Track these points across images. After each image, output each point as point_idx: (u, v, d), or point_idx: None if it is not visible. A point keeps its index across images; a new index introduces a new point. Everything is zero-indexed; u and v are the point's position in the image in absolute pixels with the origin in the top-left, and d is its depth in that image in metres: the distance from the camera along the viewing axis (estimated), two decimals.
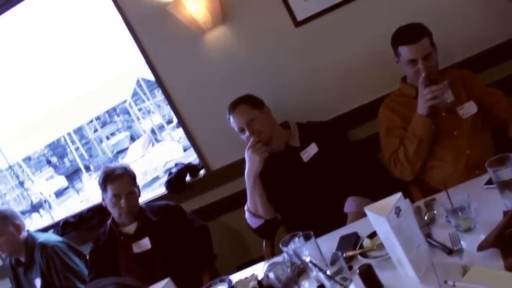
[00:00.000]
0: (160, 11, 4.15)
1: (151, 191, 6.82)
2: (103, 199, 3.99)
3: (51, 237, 4.59)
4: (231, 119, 3.75)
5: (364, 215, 2.33)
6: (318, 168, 3.66)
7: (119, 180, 3.88)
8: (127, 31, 4.33)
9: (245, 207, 3.81)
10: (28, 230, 4.45)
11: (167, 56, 4.35)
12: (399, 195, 2.23)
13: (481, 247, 2.17)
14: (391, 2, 3.98)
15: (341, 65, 4.14)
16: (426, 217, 2.65)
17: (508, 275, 1.99)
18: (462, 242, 2.31)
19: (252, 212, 3.76)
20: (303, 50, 4.16)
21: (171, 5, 4.05)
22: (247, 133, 3.67)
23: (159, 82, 4.44)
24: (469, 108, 3.39)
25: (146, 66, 4.48)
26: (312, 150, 3.71)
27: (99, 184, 3.97)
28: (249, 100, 3.78)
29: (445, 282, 2.06)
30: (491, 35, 3.94)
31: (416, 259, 2.23)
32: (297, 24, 4.10)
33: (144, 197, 4.73)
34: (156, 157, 15.40)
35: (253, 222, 3.79)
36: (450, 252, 2.31)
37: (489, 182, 2.61)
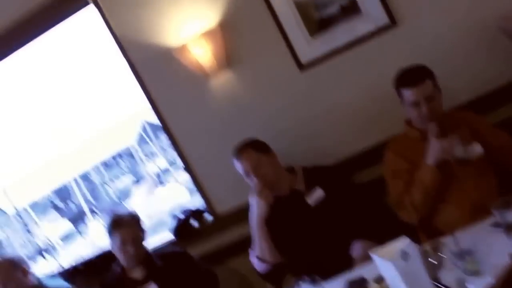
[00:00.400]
0: (165, 55, 4.20)
1: (156, 235, 6.81)
2: (110, 245, 3.97)
3: (59, 284, 4.58)
4: (237, 164, 3.75)
5: (371, 259, 2.32)
6: (324, 212, 3.64)
7: (125, 226, 3.89)
8: (132, 75, 4.37)
9: (251, 252, 3.80)
10: (36, 276, 4.44)
11: (172, 100, 4.39)
12: (405, 239, 2.24)
13: None
14: (394, 45, 4.01)
15: (346, 108, 4.16)
16: (433, 261, 2.63)
17: None
18: (469, 285, 2.30)
19: (259, 257, 3.75)
20: (308, 93, 4.19)
21: (177, 50, 4.11)
22: (253, 177, 3.68)
23: (164, 126, 4.46)
24: (474, 150, 3.38)
25: (151, 110, 4.50)
26: (317, 194, 3.69)
27: (106, 231, 3.97)
28: (255, 145, 3.79)
29: None
30: (495, 76, 3.95)
31: None
32: (302, 67, 4.14)
33: (150, 241, 4.72)
34: (161, 200, 15.37)
35: (260, 268, 3.78)
36: None
37: (496, 224, 2.61)
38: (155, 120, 4.55)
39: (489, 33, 3.84)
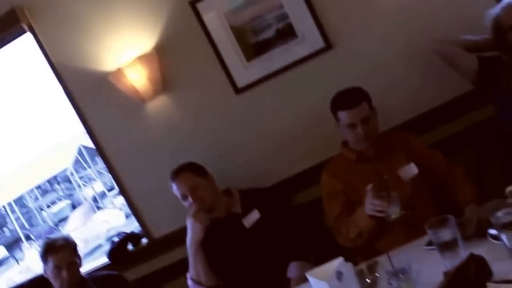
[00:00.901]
0: (100, 80, 4.16)
1: (93, 260, 6.71)
2: (44, 271, 3.88)
3: None
4: (174, 186, 3.72)
5: (307, 280, 2.32)
6: (260, 234, 3.64)
7: (60, 251, 3.78)
8: (68, 100, 4.31)
9: (188, 275, 3.76)
10: None
11: (107, 124, 4.34)
12: (340, 259, 2.24)
13: None
14: (330, 68, 4.05)
15: (282, 131, 4.18)
16: (368, 280, 2.65)
17: None
18: None
19: (195, 280, 3.71)
20: (244, 117, 4.20)
21: (112, 74, 4.07)
22: (190, 200, 3.64)
23: (99, 150, 4.40)
24: (410, 171, 3.42)
25: (86, 134, 4.44)
26: (253, 216, 3.69)
27: (40, 255, 3.87)
28: (192, 168, 3.76)
29: None
30: (429, 98, 4.03)
31: None
32: (238, 91, 4.15)
33: (87, 266, 4.64)
34: (98, 225, 15.21)
35: None
36: None
37: (430, 243, 2.64)
38: (91, 144, 4.49)
39: (423, 55, 3.92)
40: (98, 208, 18.12)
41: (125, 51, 4.11)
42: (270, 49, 4.07)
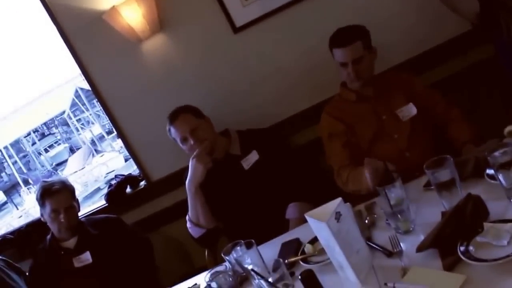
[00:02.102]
0: (95, 20, 4.08)
1: (92, 203, 6.73)
2: (41, 215, 3.88)
3: None
4: (172, 129, 3.70)
5: (306, 220, 2.32)
6: (259, 176, 3.65)
7: (57, 194, 3.78)
8: (62, 41, 4.23)
9: (187, 217, 3.77)
10: None
11: (103, 65, 4.28)
12: (339, 200, 2.24)
13: (420, 248, 2.18)
14: (330, 7, 4.00)
15: (281, 71, 4.15)
16: (366, 221, 2.66)
17: (446, 274, 2.01)
18: (401, 244, 2.32)
19: (194, 222, 3.73)
20: (242, 56, 4.16)
21: (107, 13, 3.98)
22: (190, 142, 3.63)
23: (96, 92, 4.35)
24: (408, 111, 3.42)
25: (82, 76, 4.39)
26: (252, 157, 3.70)
27: (37, 199, 3.86)
28: (190, 110, 3.74)
29: (385, 284, 2.08)
30: (429, 37, 4.01)
31: (357, 263, 2.23)
32: (236, 30, 4.09)
33: (85, 210, 4.65)
34: (97, 168, 15.22)
35: (194, 232, 3.76)
36: (390, 254, 2.32)
37: (428, 183, 2.64)
38: (88, 86, 4.45)
39: None
40: (97, 151, 18.12)
41: None
42: None
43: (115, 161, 14.41)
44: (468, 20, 3.67)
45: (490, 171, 2.45)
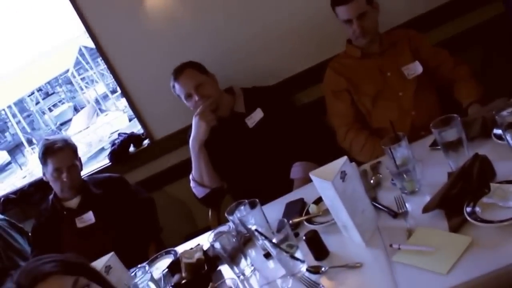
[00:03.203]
0: None
1: (97, 163, 6.73)
2: (43, 174, 3.86)
3: None
4: (177, 85, 3.66)
5: (311, 180, 2.30)
6: (264, 134, 3.62)
7: (59, 153, 3.75)
8: None
9: (190, 176, 3.76)
10: None
11: (107, 23, 4.23)
12: (344, 159, 2.21)
13: (426, 209, 2.17)
14: None
15: (285, 28, 4.08)
16: (372, 181, 2.64)
17: (452, 235, 1.99)
18: (407, 205, 2.30)
19: (198, 181, 3.72)
20: (248, 12, 4.10)
21: None
22: (195, 98, 3.59)
23: (100, 51, 4.31)
24: (414, 69, 3.38)
25: (86, 33, 4.33)
26: (257, 115, 3.67)
27: (39, 158, 3.85)
28: (195, 65, 3.70)
29: (390, 245, 2.07)
30: None
31: (362, 223, 2.22)
32: None
33: (88, 169, 4.64)
34: (101, 128, 15.21)
35: (198, 192, 3.75)
36: (395, 215, 2.30)
37: (434, 143, 2.61)
38: (92, 44, 4.40)
39: None
40: (101, 110, 18.09)
41: None
42: None
43: (119, 120, 14.37)
44: None
45: (497, 131, 2.41)
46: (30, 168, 15.65)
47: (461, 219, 2.01)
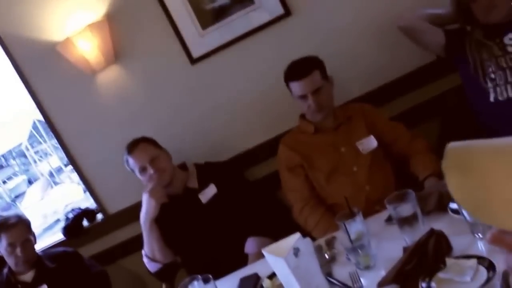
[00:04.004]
0: (48, 51, 3.99)
1: (52, 234, 6.61)
2: None
3: None
4: (130, 160, 3.63)
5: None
6: (217, 209, 3.60)
7: (13, 228, 3.74)
8: (15, 73, 4.14)
9: (143, 252, 3.71)
10: None
11: (58, 97, 4.18)
12: (297, 235, 2.19)
13: (381, 285, 2.13)
14: (289, 36, 3.95)
15: (239, 102, 4.09)
16: (327, 256, 2.61)
17: None
18: (362, 280, 2.28)
19: (150, 257, 3.67)
20: (200, 88, 4.09)
21: (60, 44, 3.90)
22: (150, 171, 3.56)
23: (50, 125, 4.26)
24: (369, 143, 3.39)
25: (36, 108, 4.29)
26: (210, 191, 3.64)
27: None
28: (148, 140, 3.69)
29: None
30: (392, 68, 3.97)
31: None
32: (193, 61, 4.02)
33: (44, 242, 4.56)
34: (56, 200, 15.06)
35: (151, 267, 3.70)
36: None
37: (389, 218, 2.61)
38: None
39: (383, 27, 3.87)
40: (55, 183, 17.93)
41: (74, 18, 3.92)
42: (227, 16, 3.93)
43: (74, 192, 14.27)
44: (433, 52, 3.66)
45: (453, 205, 2.42)
46: None
47: None
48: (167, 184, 3.60)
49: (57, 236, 4.86)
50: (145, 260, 3.71)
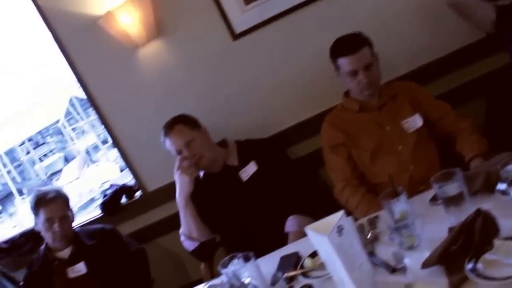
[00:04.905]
0: (90, 25, 4.00)
1: (87, 213, 6.65)
2: (35, 224, 3.86)
3: None
4: (167, 141, 3.64)
5: (306, 234, 2.26)
6: (258, 187, 3.59)
7: (52, 203, 3.76)
8: (57, 48, 4.16)
9: (180, 231, 3.72)
10: None
11: (99, 73, 4.21)
12: (341, 213, 2.17)
13: (425, 265, 2.11)
14: (332, 13, 3.93)
15: (281, 79, 4.08)
16: (369, 235, 2.59)
17: None
18: (405, 260, 2.25)
19: (186, 234, 3.68)
20: (242, 64, 4.08)
21: (102, 19, 3.90)
22: (185, 154, 3.57)
23: (92, 101, 4.28)
24: (414, 122, 3.35)
25: (78, 84, 4.31)
26: (251, 168, 3.64)
27: (31, 208, 3.85)
28: (185, 121, 3.68)
29: None
30: (437, 46, 3.94)
31: (359, 278, 2.16)
32: (235, 37, 4.01)
33: (80, 220, 4.59)
34: (92, 178, 15.14)
35: (188, 245, 3.71)
36: (393, 270, 2.25)
37: (434, 198, 2.57)
38: (83, 94, 4.37)
39: (429, 3, 3.83)
40: (92, 161, 18.05)
41: None
42: None
43: (110, 171, 14.32)
44: (483, 29, 3.60)
45: (501, 186, 2.36)
46: (20, 218, 15.54)
47: (462, 276, 1.96)
48: (196, 161, 3.60)
49: (91, 214, 4.91)
50: (182, 238, 3.72)
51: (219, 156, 3.72)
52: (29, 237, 4.70)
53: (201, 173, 3.73)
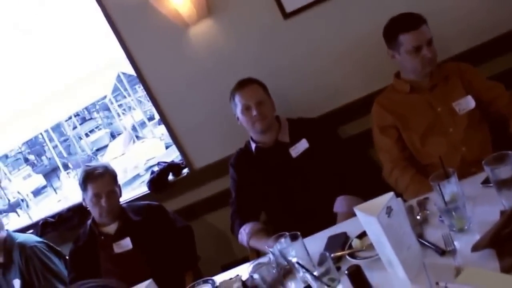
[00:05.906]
0: (141, 3, 4.02)
1: (131, 190, 6.73)
2: (83, 199, 3.90)
3: (30, 237, 4.50)
4: (237, 96, 3.67)
5: (354, 215, 2.25)
6: (308, 165, 3.58)
7: (99, 179, 3.80)
8: (107, 24, 4.20)
9: (242, 227, 3.64)
10: (7, 230, 4.37)
11: (149, 50, 4.23)
12: (390, 194, 2.16)
13: (475, 248, 2.09)
14: None
15: (332, 59, 4.05)
16: (418, 217, 2.57)
17: (504, 276, 1.92)
18: (455, 243, 2.23)
19: (249, 236, 3.59)
20: (292, 43, 4.06)
21: None
22: (253, 112, 3.59)
23: (140, 77, 4.31)
24: (466, 104, 3.30)
25: (127, 60, 4.34)
26: (301, 146, 3.63)
27: (79, 183, 3.90)
28: (260, 83, 3.72)
29: (437, 283, 1.99)
30: (491, 25, 3.87)
31: (407, 259, 2.16)
32: (286, 16, 3.99)
33: (125, 196, 4.64)
34: (137, 154, 15.27)
35: (243, 239, 3.64)
36: (442, 252, 2.23)
37: (486, 180, 2.54)
38: (131, 71, 4.40)
39: None
40: (138, 137, 18.20)
41: None
42: None
43: (156, 147, 14.43)
44: None
45: None
46: (65, 192, 15.76)
47: None
48: (266, 128, 3.63)
49: (137, 191, 4.95)
50: (241, 232, 3.65)
51: (274, 129, 3.73)
52: (76, 212, 4.78)
53: (253, 147, 3.75)
